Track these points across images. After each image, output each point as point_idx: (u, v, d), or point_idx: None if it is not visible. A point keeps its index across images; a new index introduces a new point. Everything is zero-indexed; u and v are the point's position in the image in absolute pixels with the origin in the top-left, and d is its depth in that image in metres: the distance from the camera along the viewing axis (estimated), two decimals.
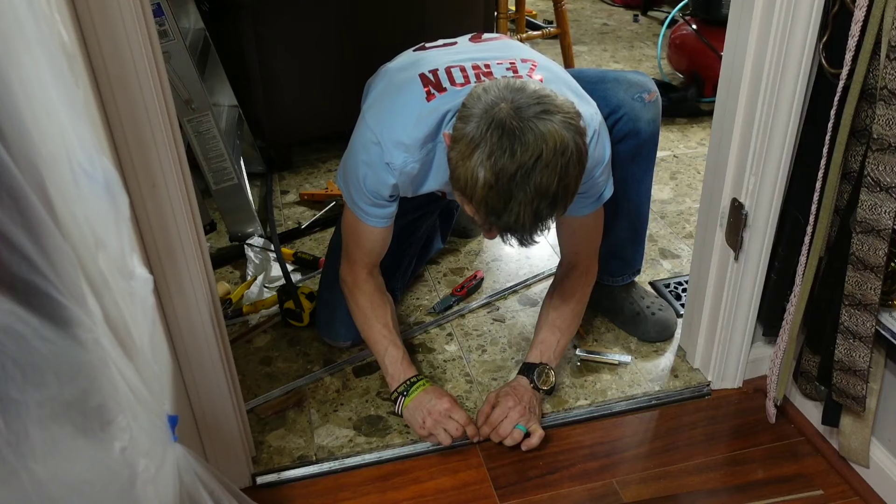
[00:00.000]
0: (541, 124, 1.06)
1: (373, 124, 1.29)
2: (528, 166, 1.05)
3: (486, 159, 1.05)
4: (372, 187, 1.31)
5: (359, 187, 1.32)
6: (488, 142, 1.06)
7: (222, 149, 1.89)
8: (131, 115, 0.93)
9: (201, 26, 2.08)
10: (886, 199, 1.09)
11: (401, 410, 1.41)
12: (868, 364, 1.20)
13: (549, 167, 1.05)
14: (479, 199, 1.08)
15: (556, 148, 1.05)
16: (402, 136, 1.26)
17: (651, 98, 1.45)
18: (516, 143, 1.04)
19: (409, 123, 1.26)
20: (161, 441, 0.79)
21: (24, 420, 0.54)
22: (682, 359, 1.61)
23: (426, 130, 1.26)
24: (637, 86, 1.45)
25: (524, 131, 1.05)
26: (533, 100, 1.08)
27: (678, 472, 1.36)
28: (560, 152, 1.06)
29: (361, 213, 1.36)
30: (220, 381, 1.20)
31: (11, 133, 0.51)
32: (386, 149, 1.26)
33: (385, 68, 1.44)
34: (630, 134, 1.44)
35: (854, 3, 1.08)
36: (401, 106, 1.29)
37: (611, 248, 1.60)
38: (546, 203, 1.08)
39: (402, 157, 1.27)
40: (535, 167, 1.05)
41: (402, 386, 1.41)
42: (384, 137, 1.27)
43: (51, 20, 0.66)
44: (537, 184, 1.06)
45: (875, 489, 1.31)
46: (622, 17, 3.97)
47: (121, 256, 0.73)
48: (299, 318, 1.67)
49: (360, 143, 1.31)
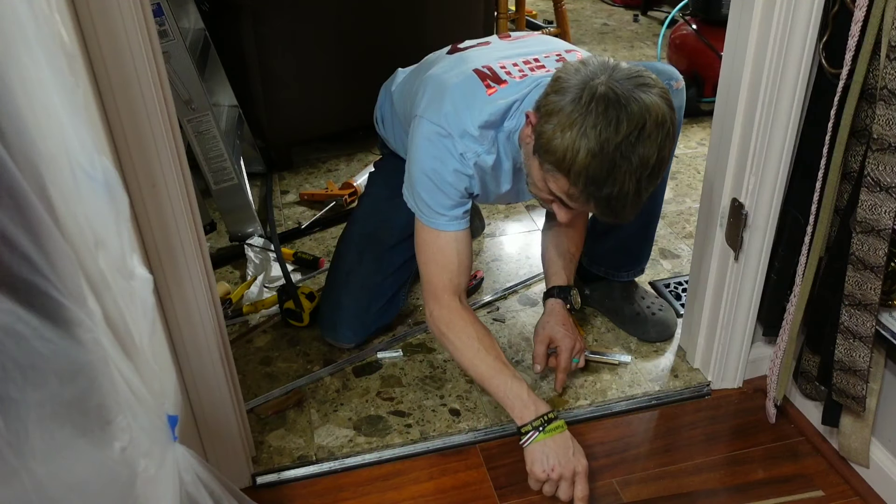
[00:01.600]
0: (644, 96, 1.07)
1: (437, 119, 1.27)
2: (633, 136, 1.06)
3: (590, 128, 1.06)
4: (449, 180, 1.27)
5: (431, 188, 1.28)
6: (593, 112, 1.06)
7: (222, 149, 1.89)
8: (131, 115, 0.93)
9: (201, 26, 2.08)
10: (886, 199, 1.08)
11: (529, 444, 1.27)
12: (868, 364, 1.19)
13: (651, 138, 1.07)
14: (580, 170, 1.08)
15: (658, 119, 1.07)
16: (470, 127, 1.25)
17: (679, 86, 1.46)
18: (622, 114, 1.05)
19: (474, 114, 1.26)
20: (161, 441, 0.79)
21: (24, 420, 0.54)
22: (682, 359, 1.61)
23: (492, 121, 1.26)
24: (665, 73, 1.45)
25: (629, 102, 1.06)
26: (630, 74, 1.10)
27: (678, 472, 1.36)
28: (660, 124, 1.08)
29: (438, 217, 1.31)
30: (220, 381, 1.20)
31: (11, 133, 0.51)
32: (456, 140, 1.25)
33: (428, 75, 1.39)
34: None
35: (854, 3, 1.08)
36: (462, 99, 1.28)
37: (620, 241, 1.61)
38: (647, 174, 1.09)
39: (474, 148, 1.26)
40: (639, 138, 1.06)
41: (539, 421, 1.27)
42: (453, 129, 1.26)
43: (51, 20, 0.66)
44: (641, 155, 1.07)
45: (875, 489, 1.31)
46: (622, 17, 3.97)
47: (121, 256, 0.72)
48: (299, 318, 1.67)
49: (426, 142, 1.27)
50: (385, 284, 1.59)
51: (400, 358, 1.61)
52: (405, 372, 1.58)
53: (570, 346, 1.44)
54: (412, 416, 1.47)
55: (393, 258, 1.58)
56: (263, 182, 2.29)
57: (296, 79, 2.19)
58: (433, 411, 1.48)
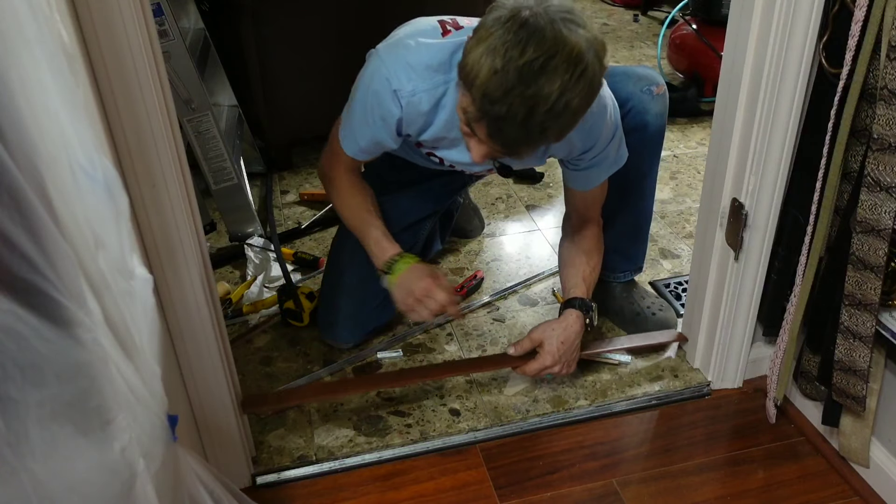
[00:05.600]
0: (564, 29, 1.03)
1: (383, 52, 1.29)
2: (538, 63, 1.02)
3: (499, 46, 1.03)
4: (378, 115, 1.30)
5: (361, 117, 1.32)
6: (508, 31, 1.03)
7: (222, 149, 1.89)
8: (131, 115, 0.93)
9: (201, 26, 2.08)
10: (886, 198, 1.08)
11: (387, 286, 1.42)
12: (868, 364, 1.19)
13: (557, 72, 1.02)
14: (480, 84, 1.05)
15: (571, 57, 1.03)
16: (412, 60, 1.25)
17: (659, 91, 1.45)
18: (532, 38, 1.02)
19: (420, 50, 1.26)
20: (161, 441, 0.79)
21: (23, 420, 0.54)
22: (682, 359, 1.61)
23: (438, 59, 1.25)
24: (645, 79, 1.45)
25: (545, 31, 1.03)
26: (563, 10, 1.06)
27: (678, 472, 1.36)
28: (574, 62, 1.03)
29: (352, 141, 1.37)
30: (220, 381, 1.20)
31: (11, 133, 0.51)
32: (393, 74, 1.25)
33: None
34: (638, 127, 1.44)
35: (854, 3, 1.08)
36: (413, 36, 1.28)
37: (613, 242, 1.61)
38: (544, 108, 1.04)
39: (411, 85, 1.26)
40: (544, 67, 1.02)
41: (385, 265, 1.41)
42: (393, 64, 1.26)
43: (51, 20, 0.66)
44: (541, 84, 1.03)
45: (875, 489, 1.31)
46: (622, 17, 3.97)
47: (121, 256, 0.72)
48: (299, 318, 1.67)
49: (368, 73, 1.30)
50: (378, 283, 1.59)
51: (400, 358, 1.61)
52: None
53: (550, 365, 1.38)
54: (412, 416, 1.47)
55: None
56: (263, 182, 2.29)
57: (296, 79, 2.19)
58: (433, 411, 1.48)
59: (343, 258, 1.60)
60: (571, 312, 1.41)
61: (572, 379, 1.55)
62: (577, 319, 1.41)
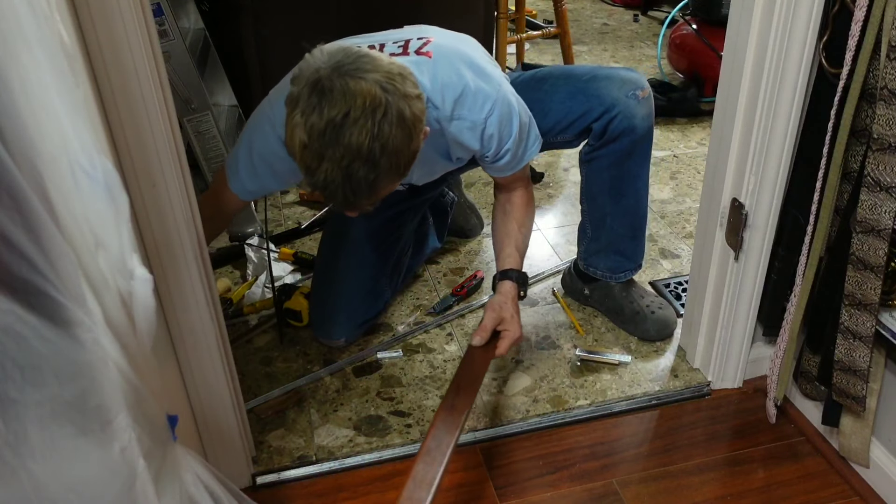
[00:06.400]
0: (351, 82, 1.04)
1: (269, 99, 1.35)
2: (335, 122, 1.03)
3: (300, 117, 1.05)
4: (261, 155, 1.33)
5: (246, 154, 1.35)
6: (303, 100, 1.05)
7: (222, 149, 1.89)
8: (131, 115, 0.93)
9: (201, 26, 2.08)
10: (886, 198, 1.08)
11: None
12: (868, 364, 1.19)
13: (359, 125, 1.04)
14: (300, 160, 1.08)
15: (366, 105, 1.04)
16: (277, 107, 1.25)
17: (644, 95, 1.46)
18: (324, 100, 1.04)
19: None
20: (161, 441, 0.79)
21: (23, 420, 0.54)
22: (682, 359, 1.61)
23: None
24: (630, 83, 1.46)
25: (333, 89, 1.04)
26: (351, 60, 1.07)
27: (678, 472, 1.36)
28: (370, 110, 1.04)
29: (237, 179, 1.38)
30: (220, 381, 1.20)
31: (11, 133, 0.51)
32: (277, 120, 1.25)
33: None
34: (626, 131, 1.45)
35: (854, 3, 1.08)
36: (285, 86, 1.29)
37: (610, 243, 1.61)
38: (360, 162, 1.06)
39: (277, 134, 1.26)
40: (343, 124, 1.03)
41: None
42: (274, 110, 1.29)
43: (51, 20, 0.66)
44: (347, 142, 1.04)
45: (875, 489, 1.31)
46: (622, 17, 3.97)
47: (121, 256, 0.72)
48: (299, 318, 1.67)
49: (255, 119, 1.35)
50: (363, 277, 1.61)
51: (400, 358, 1.61)
52: (405, 372, 1.58)
53: (515, 337, 1.39)
54: (412, 416, 1.47)
55: (365, 251, 1.60)
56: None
57: None
58: (433, 411, 1.48)
59: (327, 256, 1.63)
60: (508, 284, 1.44)
61: (572, 379, 1.55)
62: (512, 288, 1.44)
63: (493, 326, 1.39)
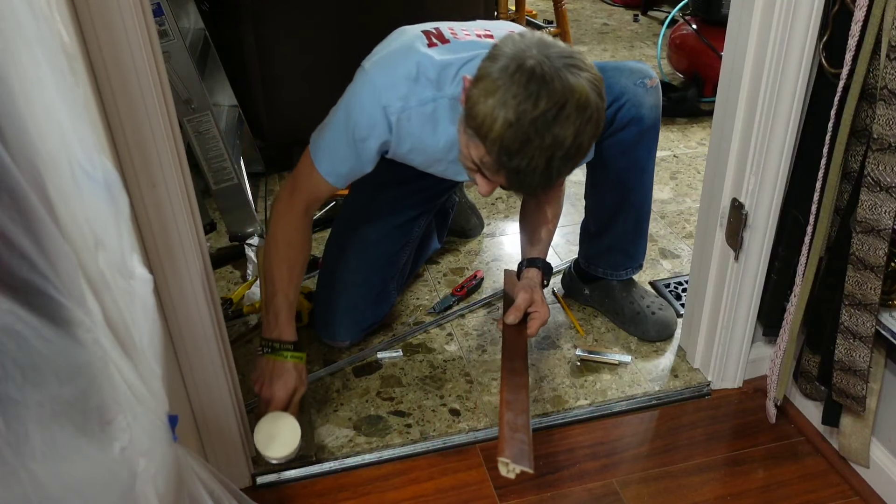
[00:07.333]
0: (571, 77, 1.06)
1: (369, 68, 1.29)
2: (551, 114, 1.05)
3: (510, 99, 1.05)
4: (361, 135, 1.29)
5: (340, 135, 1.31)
6: (516, 83, 1.05)
7: (222, 149, 1.89)
8: (131, 115, 0.93)
9: (201, 26, 2.08)
10: (886, 198, 1.09)
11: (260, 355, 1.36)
12: (868, 364, 1.19)
13: (570, 120, 1.06)
14: (495, 138, 1.07)
15: (580, 102, 1.06)
16: (401, 79, 1.25)
17: (652, 84, 1.46)
18: (543, 90, 1.05)
19: (409, 65, 1.26)
20: (161, 441, 0.79)
21: (23, 420, 0.54)
22: (682, 359, 1.61)
23: (427, 74, 1.27)
24: (638, 72, 1.46)
25: (553, 79, 1.05)
26: (563, 54, 1.09)
27: (678, 472, 1.37)
28: (582, 107, 1.07)
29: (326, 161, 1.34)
30: (220, 381, 1.20)
31: (11, 133, 0.51)
32: (383, 92, 1.25)
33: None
34: (634, 120, 1.45)
35: (854, 3, 1.08)
36: (402, 53, 1.28)
37: (614, 240, 1.61)
38: (560, 154, 1.08)
39: (400, 103, 1.26)
40: (557, 117, 1.05)
41: (271, 342, 1.35)
42: (381, 81, 1.26)
43: (51, 20, 0.66)
44: (556, 133, 1.06)
45: (875, 489, 1.31)
46: (622, 17, 3.97)
47: (121, 256, 0.72)
48: (299, 318, 1.67)
49: (354, 89, 1.30)
50: (372, 280, 1.60)
51: (400, 358, 1.61)
52: (405, 372, 1.58)
53: (544, 318, 1.38)
54: (412, 416, 1.47)
55: (377, 253, 1.59)
56: (263, 182, 2.29)
57: (296, 79, 2.19)
58: (433, 411, 1.48)
59: (335, 256, 1.61)
60: (534, 272, 1.43)
61: (572, 379, 1.55)
62: (538, 275, 1.43)
63: (527, 307, 1.39)
